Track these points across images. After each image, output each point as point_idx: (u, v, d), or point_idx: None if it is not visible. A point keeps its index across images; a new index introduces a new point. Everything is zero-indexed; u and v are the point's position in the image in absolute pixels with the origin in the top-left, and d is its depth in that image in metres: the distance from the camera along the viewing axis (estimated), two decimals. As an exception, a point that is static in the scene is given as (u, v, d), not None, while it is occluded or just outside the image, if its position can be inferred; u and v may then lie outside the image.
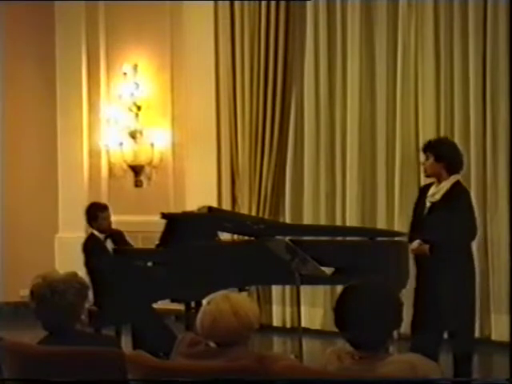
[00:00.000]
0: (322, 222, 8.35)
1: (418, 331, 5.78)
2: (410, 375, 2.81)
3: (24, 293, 9.73)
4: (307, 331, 7.77)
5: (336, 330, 3.11)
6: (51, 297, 3.43)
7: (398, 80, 8.04)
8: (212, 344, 3.28)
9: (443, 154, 5.86)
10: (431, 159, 5.86)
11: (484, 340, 7.58)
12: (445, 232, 5.69)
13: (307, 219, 8.44)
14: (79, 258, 7.13)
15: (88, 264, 7.03)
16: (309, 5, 8.46)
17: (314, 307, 8.33)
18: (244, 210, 8.63)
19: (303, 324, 8.15)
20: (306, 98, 8.51)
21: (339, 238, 7.14)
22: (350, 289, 3.09)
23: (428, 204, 5.87)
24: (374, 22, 8.19)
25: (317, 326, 8.23)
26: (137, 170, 9.42)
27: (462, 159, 6.03)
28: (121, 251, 7.03)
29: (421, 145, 7.83)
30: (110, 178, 9.59)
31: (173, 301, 6.57)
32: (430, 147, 5.94)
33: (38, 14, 9.74)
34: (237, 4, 8.78)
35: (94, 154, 9.64)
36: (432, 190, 5.88)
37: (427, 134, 7.86)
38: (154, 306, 6.80)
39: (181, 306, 6.55)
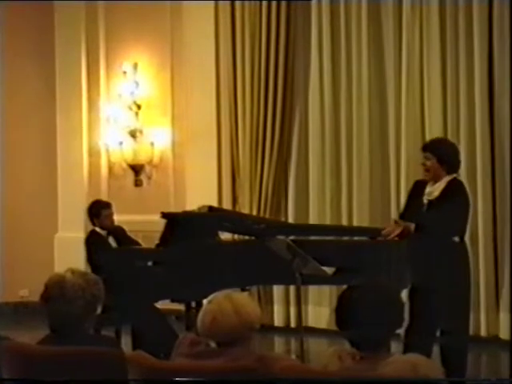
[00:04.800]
0: (328, 222, 8.34)
1: (411, 327, 5.68)
2: (410, 375, 2.80)
3: (23, 293, 9.83)
4: (313, 330, 7.80)
5: (343, 329, 3.11)
6: (58, 300, 3.43)
7: (403, 81, 8.04)
8: (212, 344, 3.28)
9: (445, 156, 5.78)
10: (433, 160, 5.74)
11: (491, 339, 7.59)
12: (442, 228, 5.66)
13: (313, 219, 8.44)
14: (79, 257, 7.13)
15: (90, 260, 7.07)
16: (311, 5, 8.48)
17: (321, 306, 8.31)
18: (244, 210, 8.63)
19: (309, 323, 8.22)
20: (311, 98, 8.52)
21: (340, 238, 7.13)
22: (351, 289, 3.09)
23: (425, 201, 5.81)
24: (378, 22, 8.21)
25: (323, 325, 8.21)
26: (137, 169, 9.43)
27: (460, 160, 5.95)
28: (121, 251, 7.03)
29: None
30: (110, 178, 9.60)
31: (173, 301, 6.57)
32: (431, 148, 5.84)
33: (38, 13, 9.75)
34: (237, 3, 8.80)
35: (94, 153, 9.64)
36: (429, 188, 5.80)
37: (434, 135, 7.88)
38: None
39: (181, 306, 6.55)
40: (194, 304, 6.27)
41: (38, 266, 8.85)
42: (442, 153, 5.78)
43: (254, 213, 8.52)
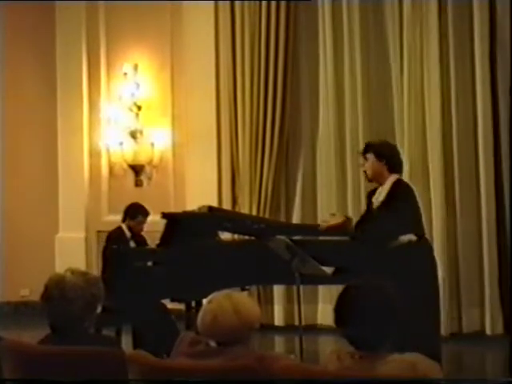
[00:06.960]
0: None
1: None
2: (409, 375, 2.80)
3: (24, 292, 9.84)
4: (322, 328, 7.81)
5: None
6: (58, 300, 3.43)
7: (405, 81, 8.08)
8: (212, 343, 3.28)
9: (383, 152, 5.71)
10: (371, 159, 5.71)
11: (496, 337, 7.62)
12: (387, 230, 5.57)
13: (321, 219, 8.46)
14: (79, 257, 7.14)
15: (104, 253, 7.16)
16: (311, 5, 8.50)
17: (330, 304, 8.30)
18: (244, 210, 8.65)
19: (319, 321, 8.27)
20: (321, 97, 8.54)
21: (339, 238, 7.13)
22: (350, 288, 3.09)
23: (374, 207, 5.74)
24: (382, 24, 8.25)
25: (331, 322, 8.17)
26: (137, 169, 9.44)
27: (401, 160, 5.86)
28: (121, 251, 7.05)
29: (429, 148, 7.90)
30: (111, 178, 9.61)
31: (173, 300, 6.58)
32: (369, 147, 5.79)
33: (39, 13, 9.76)
34: (237, 4, 8.81)
35: (95, 154, 9.66)
36: (376, 194, 5.74)
37: (435, 135, 7.90)
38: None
39: (181, 306, 6.56)
40: (193, 304, 6.28)
41: (38, 266, 8.86)
42: (377, 148, 5.74)
43: (254, 213, 8.54)
